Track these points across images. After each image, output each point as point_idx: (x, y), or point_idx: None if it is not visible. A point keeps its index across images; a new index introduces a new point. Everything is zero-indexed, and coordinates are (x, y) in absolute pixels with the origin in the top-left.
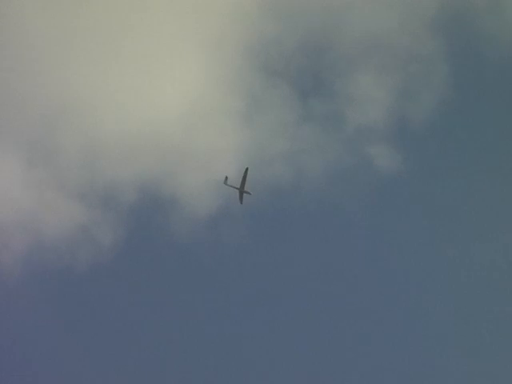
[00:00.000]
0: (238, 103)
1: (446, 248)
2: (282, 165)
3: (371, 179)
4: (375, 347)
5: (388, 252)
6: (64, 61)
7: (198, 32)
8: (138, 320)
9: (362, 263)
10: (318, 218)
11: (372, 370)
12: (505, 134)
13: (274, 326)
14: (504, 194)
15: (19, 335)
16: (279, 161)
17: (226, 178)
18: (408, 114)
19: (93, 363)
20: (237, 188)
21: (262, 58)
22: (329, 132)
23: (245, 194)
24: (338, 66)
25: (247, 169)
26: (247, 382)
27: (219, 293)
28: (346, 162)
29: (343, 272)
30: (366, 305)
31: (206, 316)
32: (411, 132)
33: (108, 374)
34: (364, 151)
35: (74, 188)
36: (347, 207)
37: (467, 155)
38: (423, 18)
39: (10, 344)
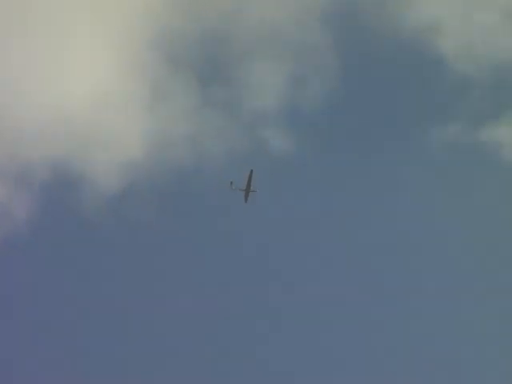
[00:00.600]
0: (143, 91)
1: (339, 227)
2: (184, 148)
3: (266, 160)
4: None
5: (280, 230)
6: None
7: (108, 26)
8: (50, 293)
9: (260, 242)
10: (218, 197)
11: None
12: (386, 120)
13: (174, 301)
14: (386, 172)
15: None
16: (182, 144)
17: (231, 182)
18: (300, 100)
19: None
20: (243, 190)
21: (166, 49)
22: (227, 117)
23: (251, 193)
24: (236, 54)
25: (252, 171)
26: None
27: (124, 268)
28: (243, 144)
29: (242, 252)
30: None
31: (112, 289)
32: (302, 117)
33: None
34: (259, 135)
35: None
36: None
37: (353, 139)
38: (315, 10)
39: None
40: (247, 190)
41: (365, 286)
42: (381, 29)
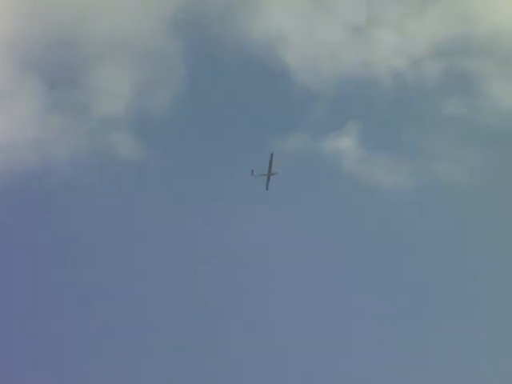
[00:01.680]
0: None
1: (185, 230)
2: (30, 151)
3: (113, 165)
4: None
5: (125, 232)
6: None
7: None
8: None
9: (104, 243)
10: (64, 201)
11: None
12: (230, 129)
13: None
14: (230, 179)
15: None
16: (27, 147)
17: (252, 170)
18: (147, 105)
19: None
20: (265, 175)
21: (14, 53)
22: (75, 121)
23: (272, 177)
24: (84, 59)
25: (272, 154)
26: None
27: None
28: (90, 149)
29: (85, 253)
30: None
31: None
32: (150, 122)
33: None
34: (107, 139)
35: None
36: (91, 191)
37: (199, 145)
38: (164, 18)
39: None
40: (269, 174)
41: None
42: (229, 38)
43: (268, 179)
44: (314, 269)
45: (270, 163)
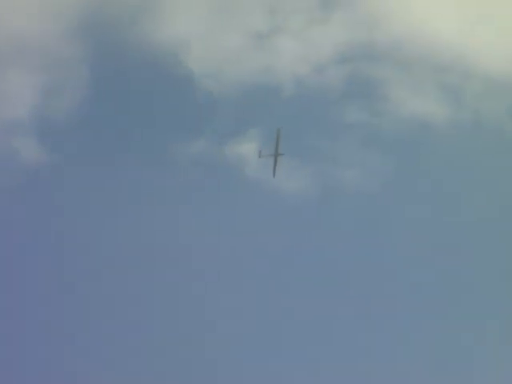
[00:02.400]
0: None
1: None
2: None
3: (18, 170)
4: None
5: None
6: None
7: None
8: None
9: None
10: None
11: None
12: (134, 134)
13: None
14: (136, 185)
15: None
16: None
17: (260, 151)
18: (52, 110)
19: None
20: (273, 155)
21: None
22: None
23: (279, 158)
24: None
25: (279, 130)
26: None
27: None
28: None
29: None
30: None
31: None
32: (54, 127)
33: None
34: (10, 144)
35: None
36: None
37: (104, 151)
38: (68, 22)
39: None
40: (276, 155)
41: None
42: (133, 42)
43: (275, 162)
44: (219, 272)
45: (277, 141)
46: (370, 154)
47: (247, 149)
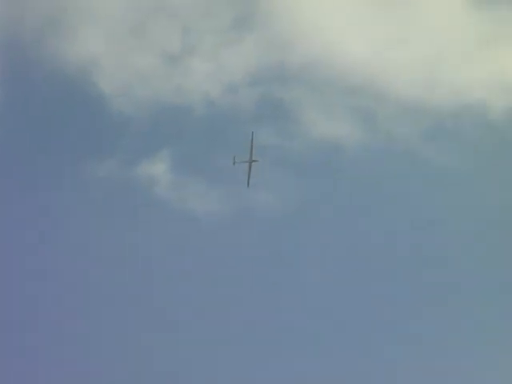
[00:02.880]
0: None
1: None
2: None
3: None
4: None
5: None
6: None
7: None
8: None
9: None
10: None
11: None
12: (45, 154)
13: None
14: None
15: None
16: None
17: (234, 157)
18: None
19: None
20: (247, 161)
21: None
22: None
23: (253, 164)
24: None
25: (252, 133)
26: None
27: None
28: None
29: None
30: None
31: None
32: None
33: None
34: None
35: None
36: None
37: (17, 168)
38: None
39: None
40: (250, 162)
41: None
42: (43, 62)
43: (250, 169)
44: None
45: (251, 147)
46: (281, 175)
47: (158, 169)
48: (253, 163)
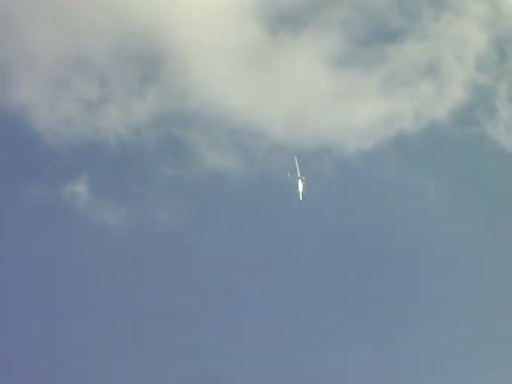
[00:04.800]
0: None
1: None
2: None
3: None
4: None
5: None
6: None
7: None
8: None
9: None
10: None
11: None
12: None
13: None
14: None
15: None
16: None
17: (288, 174)
18: None
19: None
20: (298, 177)
21: None
22: None
23: (301, 181)
24: None
25: (296, 157)
26: None
27: None
28: None
29: None
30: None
31: None
32: None
33: None
34: None
35: None
36: None
37: None
38: None
39: None
40: (299, 177)
41: None
42: None
43: (301, 185)
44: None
45: (297, 167)
46: (176, 197)
47: (79, 190)
48: (301, 180)
